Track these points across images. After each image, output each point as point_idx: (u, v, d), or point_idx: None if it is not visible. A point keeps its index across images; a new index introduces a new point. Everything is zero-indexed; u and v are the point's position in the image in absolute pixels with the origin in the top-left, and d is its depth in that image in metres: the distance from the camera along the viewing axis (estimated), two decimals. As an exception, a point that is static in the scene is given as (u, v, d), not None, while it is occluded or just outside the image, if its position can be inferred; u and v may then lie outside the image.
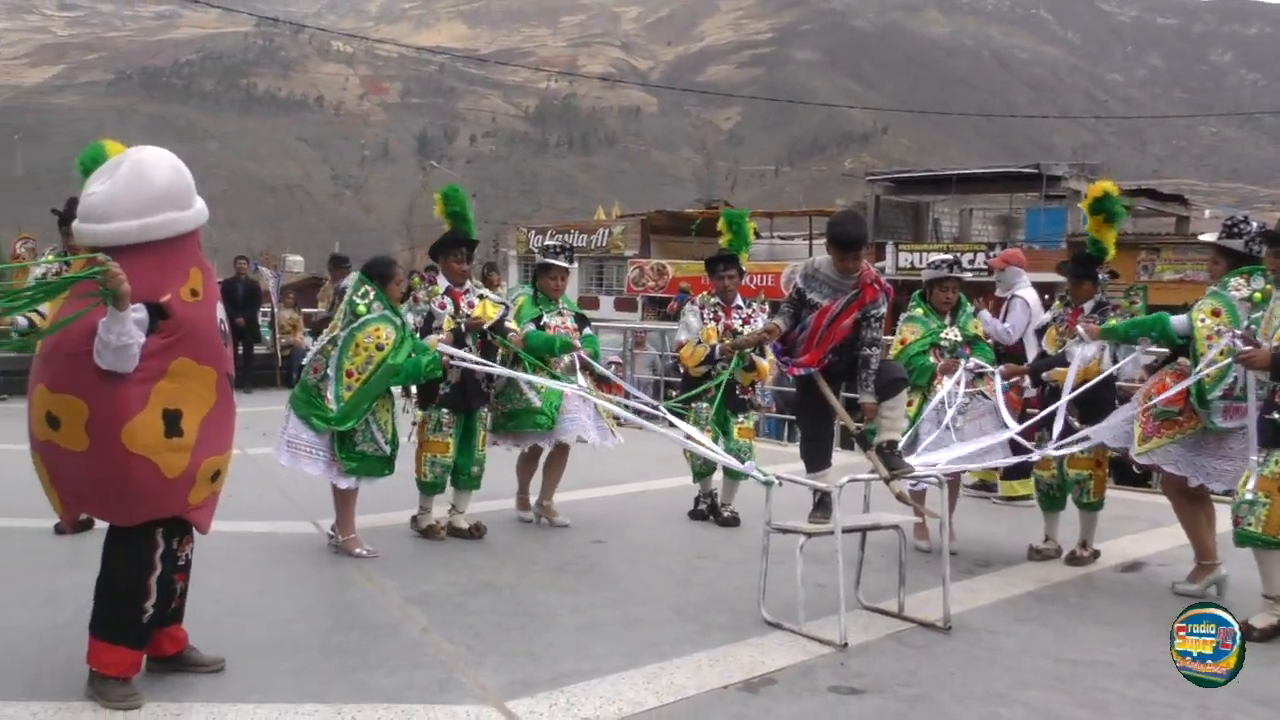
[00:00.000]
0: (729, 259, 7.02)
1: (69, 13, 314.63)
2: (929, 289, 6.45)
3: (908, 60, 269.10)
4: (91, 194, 3.58)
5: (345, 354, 5.57)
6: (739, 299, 7.04)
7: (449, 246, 6.33)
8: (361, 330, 5.58)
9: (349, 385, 5.54)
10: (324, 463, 5.64)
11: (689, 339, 6.90)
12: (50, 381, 3.52)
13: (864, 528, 5.07)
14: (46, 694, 3.69)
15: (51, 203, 5.93)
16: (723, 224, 7.38)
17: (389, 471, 5.79)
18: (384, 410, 5.74)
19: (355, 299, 5.69)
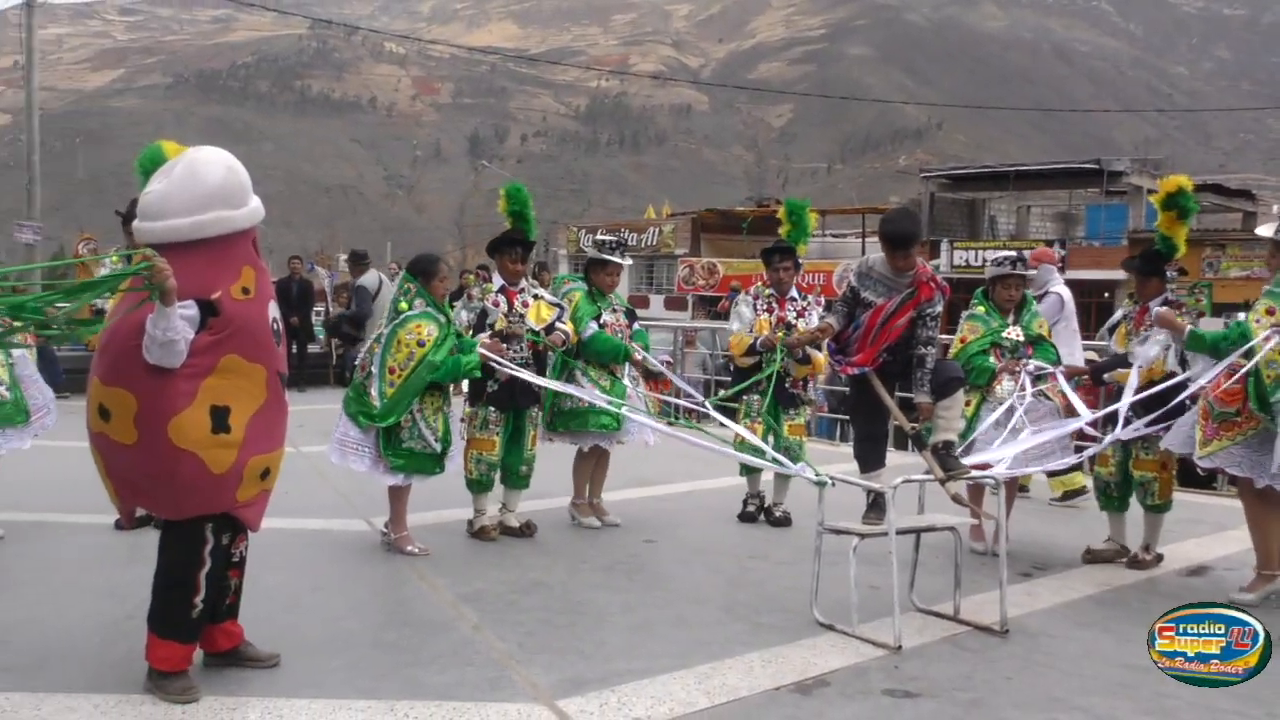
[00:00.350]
0: (785, 250, 6.93)
1: (129, 18, 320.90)
2: (991, 286, 6.30)
3: (963, 55, 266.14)
4: (149, 192, 3.65)
5: (388, 351, 5.61)
6: (794, 291, 6.95)
7: (505, 245, 6.33)
8: (403, 327, 5.62)
9: (391, 382, 5.57)
10: (370, 459, 5.68)
11: (740, 329, 6.86)
12: (103, 374, 3.58)
13: (919, 529, 5.00)
14: (108, 687, 3.75)
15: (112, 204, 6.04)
16: (783, 213, 7.28)
17: (439, 470, 5.79)
18: (433, 408, 5.74)
19: (398, 296, 5.74)
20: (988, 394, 6.06)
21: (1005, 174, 36.74)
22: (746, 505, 6.98)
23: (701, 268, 39.01)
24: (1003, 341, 6.15)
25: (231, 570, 3.93)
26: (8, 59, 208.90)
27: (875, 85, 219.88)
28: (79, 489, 6.02)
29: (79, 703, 3.61)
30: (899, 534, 4.60)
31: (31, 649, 4.12)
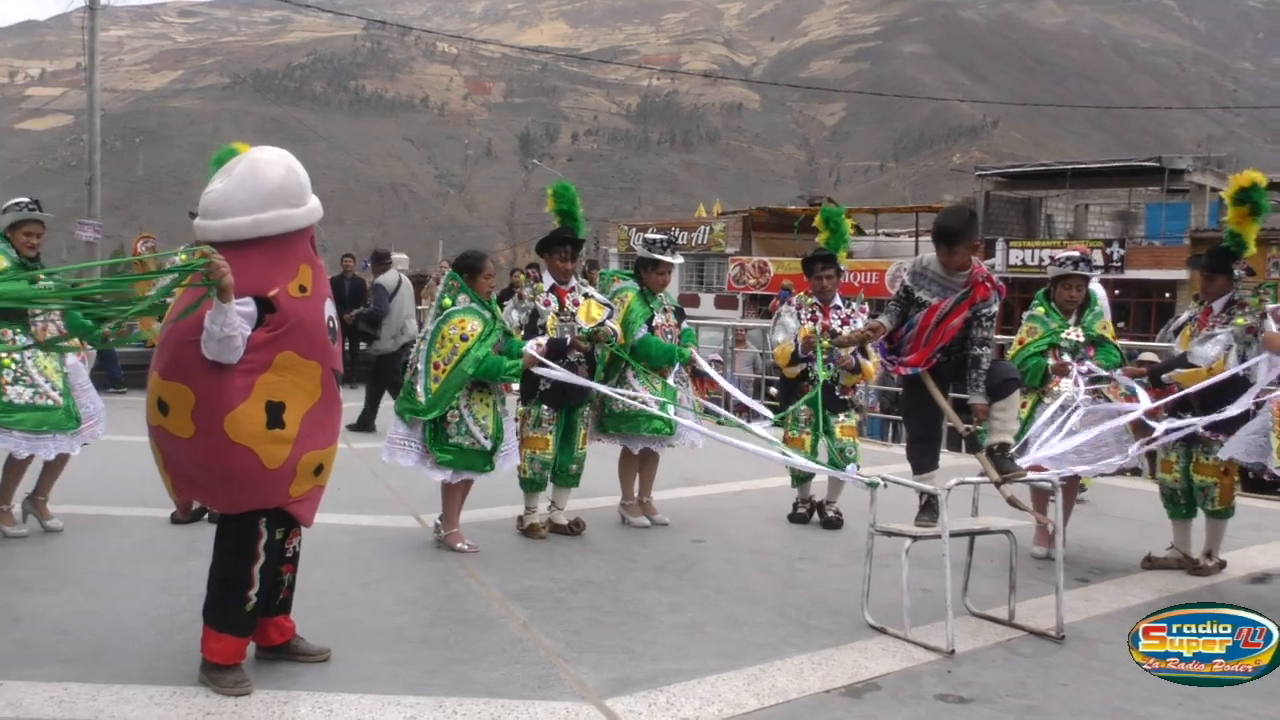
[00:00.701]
0: (827, 258, 6.90)
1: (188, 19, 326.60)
2: (1053, 286, 6.19)
3: (1020, 52, 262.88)
4: (210, 191, 3.70)
5: (433, 347, 5.65)
6: (838, 298, 6.91)
7: (554, 244, 6.32)
8: (447, 323, 5.66)
9: (436, 377, 5.61)
10: (417, 454, 5.71)
11: (785, 339, 6.81)
12: (162, 369, 3.63)
13: (973, 532, 4.93)
14: (163, 679, 3.80)
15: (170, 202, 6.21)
16: (819, 221, 7.26)
17: (489, 467, 5.80)
18: (482, 404, 5.74)
19: (442, 293, 5.79)
20: (1044, 394, 5.95)
21: (1062, 172, 36.18)
22: (797, 508, 6.94)
23: (752, 266, 38.87)
24: (1062, 342, 6.03)
25: (285, 565, 3.96)
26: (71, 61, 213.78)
27: (930, 83, 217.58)
28: (137, 483, 6.13)
29: (134, 694, 3.66)
30: (952, 536, 4.53)
31: (89, 641, 4.18)
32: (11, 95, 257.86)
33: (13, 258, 5.69)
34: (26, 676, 3.76)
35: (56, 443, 5.72)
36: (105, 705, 3.57)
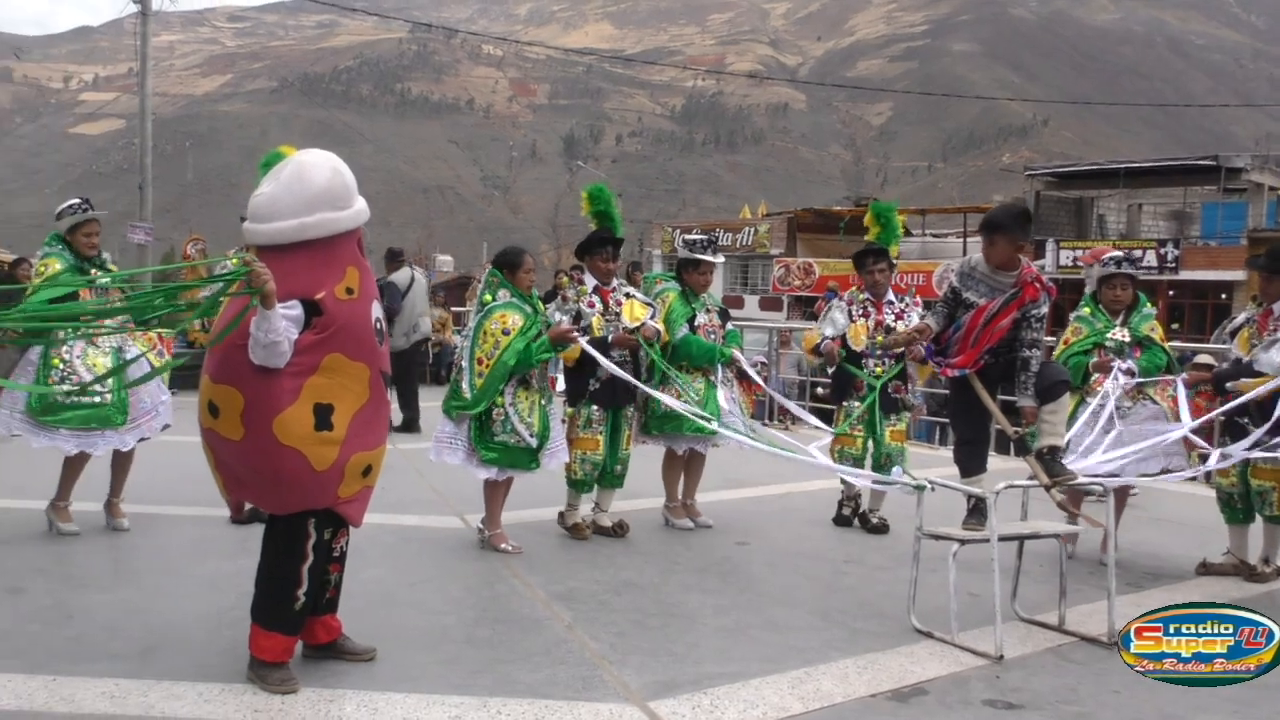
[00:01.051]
0: (878, 252, 6.80)
1: (237, 24, 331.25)
2: (1098, 287, 6.13)
3: (1072, 49, 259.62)
4: (258, 195, 3.73)
5: (475, 343, 5.68)
6: (890, 294, 6.82)
7: (594, 245, 6.33)
8: (488, 318, 5.68)
9: (480, 372, 5.62)
10: (463, 452, 5.72)
11: (833, 334, 6.74)
12: (213, 372, 3.67)
13: (1022, 536, 4.86)
14: (212, 676, 3.84)
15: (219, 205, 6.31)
16: (870, 217, 7.13)
17: (535, 465, 5.79)
18: (526, 401, 5.73)
19: (483, 290, 5.82)
20: (1087, 395, 5.87)
21: (1115, 171, 35.67)
22: (842, 508, 6.87)
23: (797, 268, 38.70)
24: (1107, 343, 5.95)
25: (332, 565, 3.99)
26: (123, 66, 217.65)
27: (979, 82, 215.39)
28: (187, 482, 6.20)
29: (184, 690, 3.70)
30: (1001, 540, 4.47)
31: (140, 637, 4.24)
32: (66, 100, 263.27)
33: (68, 260, 5.77)
34: (80, 672, 3.82)
35: (106, 439, 5.76)
36: (156, 701, 3.61)
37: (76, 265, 5.77)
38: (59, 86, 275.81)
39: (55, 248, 5.84)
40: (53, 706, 3.54)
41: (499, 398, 5.64)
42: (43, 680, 3.73)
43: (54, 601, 4.69)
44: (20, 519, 6.05)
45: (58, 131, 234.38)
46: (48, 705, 3.55)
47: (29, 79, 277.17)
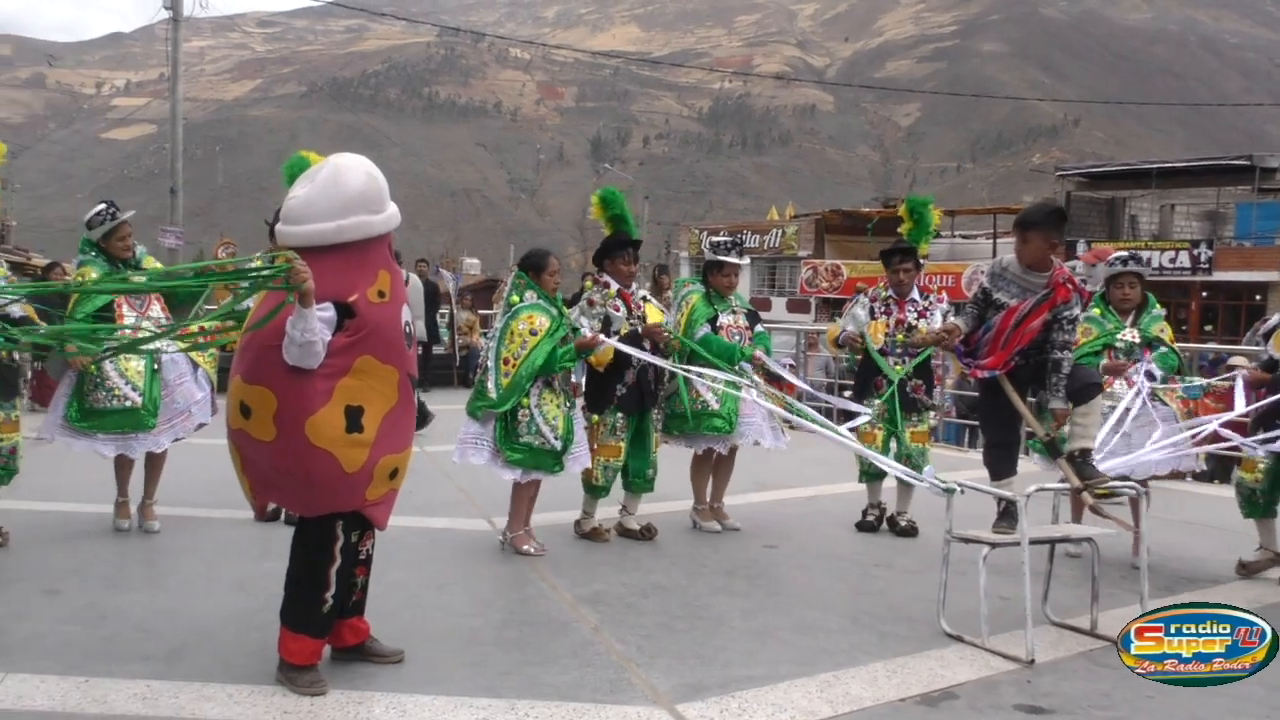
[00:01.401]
0: (905, 251, 6.74)
1: (267, 29, 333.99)
2: (1107, 287, 6.09)
3: (1103, 49, 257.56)
4: (292, 198, 3.76)
5: (502, 343, 5.66)
6: (915, 293, 6.76)
7: (615, 249, 6.32)
8: (515, 318, 5.67)
9: (506, 373, 5.60)
10: (489, 452, 5.70)
11: (852, 330, 6.71)
12: (245, 373, 3.69)
13: (1054, 539, 4.81)
14: (241, 678, 3.86)
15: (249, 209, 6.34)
16: (904, 210, 7.06)
17: (559, 468, 5.75)
18: (552, 404, 5.72)
19: (509, 291, 5.81)
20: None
21: (1148, 171, 35.31)
22: (866, 515, 6.81)
23: (825, 269, 38.54)
24: (1117, 343, 5.91)
25: (359, 568, 4.00)
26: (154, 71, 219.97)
27: (1008, 82, 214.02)
28: (215, 485, 6.25)
29: (214, 692, 3.73)
30: (1032, 544, 4.43)
31: (171, 639, 4.27)
32: (98, 105, 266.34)
33: (102, 266, 5.82)
34: (111, 673, 3.86)
35: (141, 441, 5.84)
36: (186, 703, 3.64)
37: (112, 270, 5.82)
38: (91, 92, 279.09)
39: (90, 254, 5.89)
40: (85, 708, 3.57)
41: (525, 398, 5.63)
42: (75, 681, 3.77)
43: (87, 602, 4.73)
44: (55, 521, 6.11)
45: (90, 137, 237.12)
46: (80, 706, 3.58)
47: (62, 85, 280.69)
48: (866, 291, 6.99)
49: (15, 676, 3.80)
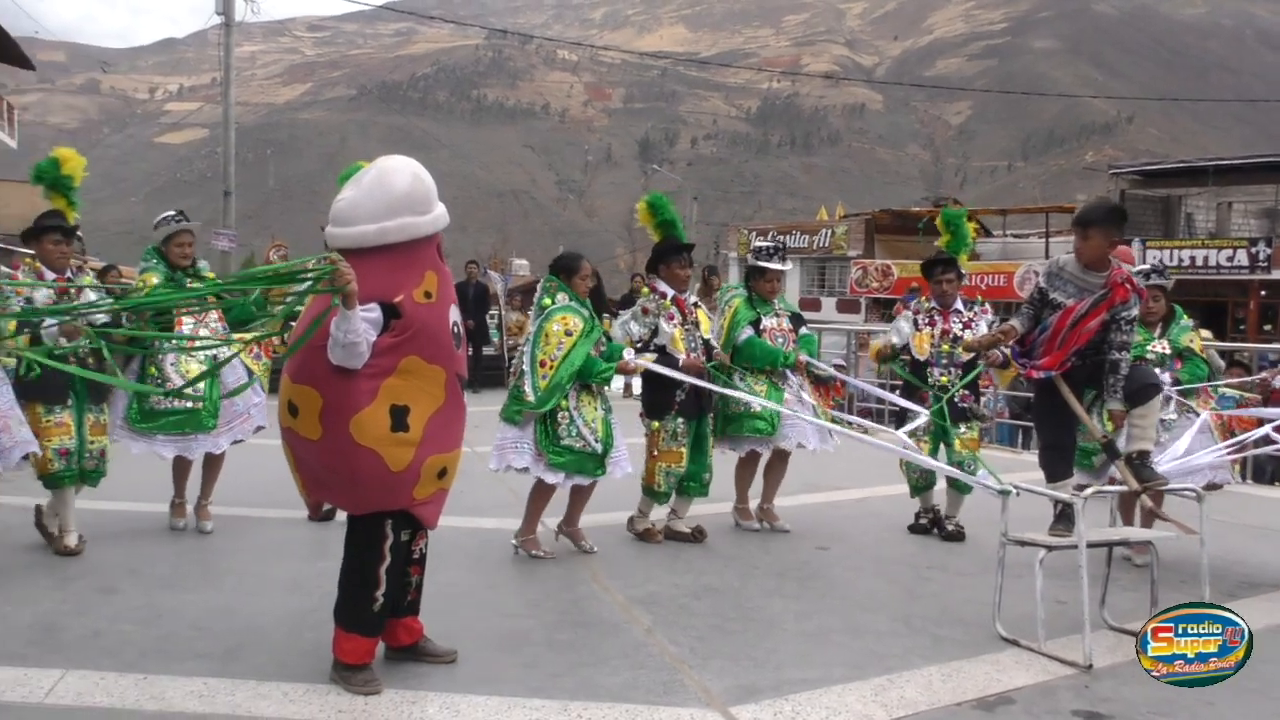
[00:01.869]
0: (947, 262, 6.70)
1: (317, 33, 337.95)
2: None
3: (1157, 45, 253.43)
4: (340, 200, 3.79)
5: (537, 346, 5.59)
6: (959, 302, 6.70)
7: (670, 254, 6.30)
8: (549, 320, 5.61)
9: (543, 375, 5.54)
10: (530, 455, 5.62)
11: (896, 344, 6.68)
12: (292, 372, 3.74)
13: (1112, 542, 4.73)
14: (296, 676, 3.89)
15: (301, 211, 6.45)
16: (940, 223, 7.07)
17: (600, 471, 5.71)
18: (590, 407, 5.67)
19: (540, 294, 5.77)
20: None
21: (1204, 169, 34.62)
22: (919, 518, 6.76)
23: (875, 269, 38.21)
24: (1148, 355, 5.82)
25: (412, 567, 4.02)
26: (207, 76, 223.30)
27: (1060, 79, 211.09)
28: (269, 485, 6.31)
29: (270, 690, 3.76)
30: (1090, 547, 4.35)
31: (226, 637, 4.32)
32: (151, 110, 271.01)
33: (163, 272, 5.91)
34: (169, 671, 3.91)
35: (199, 442, 5.92)
36: (243, 700, 3.68)
37: (171, 276, 5.90)
38: (144, 97, 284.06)
39: (152, 261, 5.99)
40: (143, 705, 3.62)
41: (564, 400, 5.58)
42: (134, 679, 3.82)
43: (144, 601, 4.80)
44: (112, 520, 6.20)
45: (143, 141, 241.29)
46: (138, 703, 3.63)
47: (116, 91, 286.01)
48: (909, 304, 6.94)
49: (75, 673, 3.86)
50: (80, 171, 5.83)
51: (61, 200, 5.77)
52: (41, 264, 5.60)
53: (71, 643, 4.22)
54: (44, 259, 5.60)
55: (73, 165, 5.78)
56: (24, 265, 5.65)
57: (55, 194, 5.76)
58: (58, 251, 5.60)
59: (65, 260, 5.66)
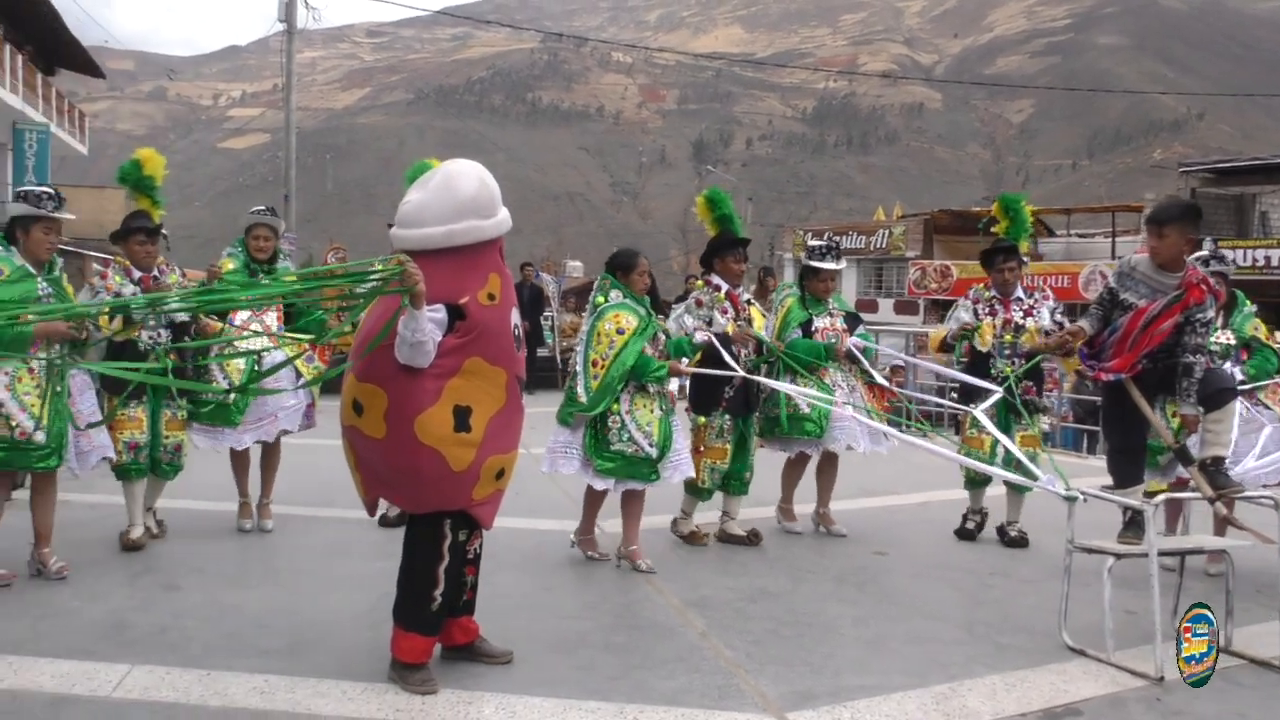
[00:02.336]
0: (1008, 250, 6.55)
1: (375, 39, 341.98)
2: None
3: (1228, 40, 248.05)
4: (407, 202, 3.83)
5: (590, 345, 5.52)
6: (1019, 290, 6.54)
7: (726, 247, 6.25)
8: (601, 319, 5.54)
9: (595, 375, 5.46)
10: (579, 460, 5.57)
11: (956, 329, 6.54)
12: (358, 371, 3.76)
13: (1184, 551, 4.60)
14: (355, 675, 3.92)
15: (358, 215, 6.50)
16: (998, 209, 6.90)
17: (655, 477, 5.60)
18: (645, 410, 5.56)
19: (595, 293, 5.71)
20: None
21: (1278, 165, 33.77)
22: (966, 521, 6.61)
23: (934, 270, 37.75)
24: (1213, 347, 5.60)
25: (468, 567, 4.03)
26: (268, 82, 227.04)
27: (1126, 75, 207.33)
28: (329, 485, 6.38)
29: (329, 688, 3.79)
30: (1161, 555, 4.24)
31: (286, 635, 4.37)
32: (215, 116, 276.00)
33: (239, 259, 6.07)
34: (231, 667, 3.95)
35: (225, 436, 6.00)
36: (303, 698, 3.71)
37: (247, 266, 6.05)
38: (208, 104, 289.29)
39: (236, 249, 6.15)
40: (207, 700, 3.66)
41: (615, 404, 5.49)
42: (197, 674, 3.87)
43: (208, 598, 4.87)
44: (175, 519, 6.28)
45: (207, 146, 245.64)
46: (202, 699, 3.67)
47: (181, 97, 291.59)
48: (968, 294, 6.79)
49: (141, 668, 3.92)
50: (161, 171, 5.91)
51: (146, 200, 5.85)
52: (129, 263, 5.71)
53: (138, 638, 4.29)
54: (131, 258, 5.72)
55: (154, 165, 5.86)
56: (114, 264, 5.72)
57: (139, 194, 5.84)
58: (143, 251, 5.71)
59: (151, 260, 5.77)
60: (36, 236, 5.01)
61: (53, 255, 5.13)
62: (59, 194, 5.20)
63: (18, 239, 5.05)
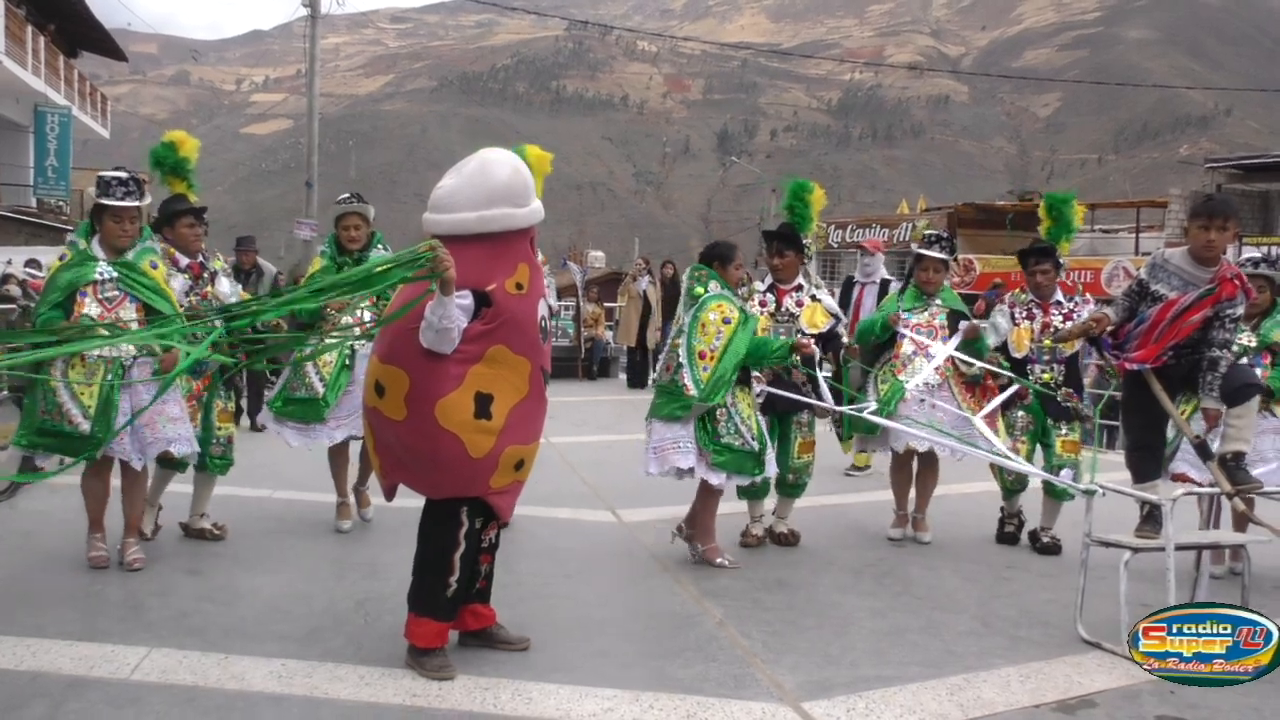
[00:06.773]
0: (1041, 252, 6.30)
1: (399, 25, 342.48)
2: None
3: (1259, 34, 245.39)
4: (440, 187, 3.84)
5: (694, 337, 5.36)
6: (1059, 294, 6.32)
7: (766, 241, 6.21)
8: (704, 310, 5.40)
9: (705, 366, 5.30)
10: (694, 454, 5.33)
11: (995, 341, 6.27)
12: (382, 353, 3.79)
13: (1202, 545, 4.58)
14: (371, 660, 3.95)
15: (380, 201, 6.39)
16: (1043, 209, 6.63)
17: (759, 471, 5.48)
18: (745, 404, 5.46)
19: (691, 285, 5.57)
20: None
21: (1306, 162, 33.38)
22: (1005, 525, 6.44)
23: (958, 264, 37.56)
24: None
25: (483, 555, 4.05)
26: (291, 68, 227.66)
27: (1155, 70, 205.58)
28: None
29: (346, 673, 3.82)
30: (1178, 550, 4.22)
31: (304, 620, 4.40)
32: (238, 101, 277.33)
33: (329, 256, 5.89)
34: (249, 651, 3.99)
35: (316, 433, 5.85)
36: (320, 683, 3.74)
37: (335, 259, 5.85)
38: (231, 89, 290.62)
39: (327, 247, 5.99)
40: (225, 684, 3.70)
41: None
42: (215, 658, 3.91)
43: (226, 583, 4.91)
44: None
45: (230, 132, 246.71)
46: (220, 682, 3.71)
47: (204, 82, 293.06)
48: (1002, 297, 6.65)
49: (160, 651, 3.97)
50: (194, 152, 5.75)
51: (182, 184, 5.70)
52: (175, 249, 5.53)
53: (157, 622, 4.33)
54: (179, 243, 5.55)
55: (188, 148, 5.72)
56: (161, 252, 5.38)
57: (175, 178, 5.69)
58: (192, 234, 5.57)
59: (199, 243, 5.63)
60: (108, 225, 4.97)
61: (133, 241, 5.02)
62: (136, 179, 5.05)
63: (97, 227, 5.00)
